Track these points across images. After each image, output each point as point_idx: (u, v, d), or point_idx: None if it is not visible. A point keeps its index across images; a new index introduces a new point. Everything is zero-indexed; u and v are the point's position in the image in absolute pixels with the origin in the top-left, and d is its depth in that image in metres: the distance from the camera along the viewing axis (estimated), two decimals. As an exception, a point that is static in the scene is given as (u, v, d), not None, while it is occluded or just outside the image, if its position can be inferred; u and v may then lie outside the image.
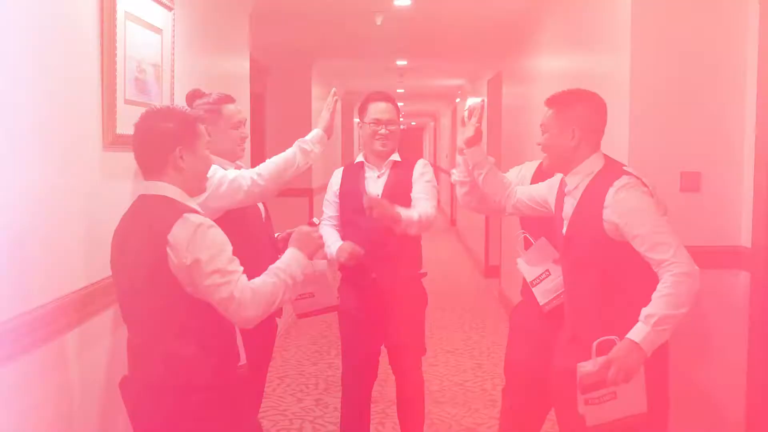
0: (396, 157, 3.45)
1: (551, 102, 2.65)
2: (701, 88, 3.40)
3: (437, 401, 4.74)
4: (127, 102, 2.74)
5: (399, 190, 3.38)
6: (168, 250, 2.06)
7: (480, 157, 2.91)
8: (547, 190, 2.82)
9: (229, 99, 2.93)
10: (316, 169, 8.84)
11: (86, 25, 2.47)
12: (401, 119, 3.55)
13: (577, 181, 2.56)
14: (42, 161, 2.19)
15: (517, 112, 6.51)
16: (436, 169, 20.56)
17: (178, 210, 2.12)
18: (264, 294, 2.17)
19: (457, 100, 13.45)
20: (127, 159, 2.81)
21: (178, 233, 2.07)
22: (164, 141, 2.18)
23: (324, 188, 3.62)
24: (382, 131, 3.38)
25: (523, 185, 3.01)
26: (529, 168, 3.18)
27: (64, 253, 2.34)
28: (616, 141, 3.55)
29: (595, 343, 2.34)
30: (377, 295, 3.37)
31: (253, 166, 4.98)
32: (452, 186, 14.86)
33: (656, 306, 2.27)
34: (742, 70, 3.38)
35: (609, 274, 2.46)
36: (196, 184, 2.28)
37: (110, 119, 2.60)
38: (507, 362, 3.18)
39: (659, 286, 2.30)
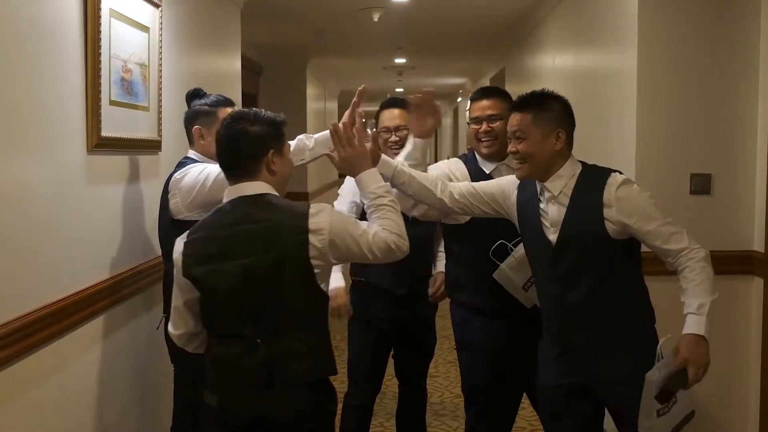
0: None
1: (526, 105, 2.54)
2: (712, 86, 3.40)
3: (437, 414, 4.73)
4: (112, 103, 2.74)
5: None
6: (310, 237, 2.16)
7: (390, 169, 2.63)
8: (498, 192, 2.71)
9: (227, 103, 2.90)
10: (311, 172, 8.84)
11: (69, 23, 2.47)
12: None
13: (561, 185, 2.50)
14: (23, 165, 2.19)
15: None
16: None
17: (300, 203, 2.25)
18: (394, 220, 2.31)
19: (459, 99, 13.46)
20: (113, 162, 2.82)
21: (318, 219, 2.18)
22: (258, 144, 2.24)
23: (321, 192, 3.63)
24: (392, 138, 3.39)
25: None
26: (458, 167, 2.99)
27: (48, 259, 2.33)
28: (623, 141, 3.55)
29: (660, 343, 2.35)
30: (400, 304, 3.41)
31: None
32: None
33: (699, 295, 2.32)
34: (754, 67, 3.38)
35: (604, 276, 2.47)
36: (282, 187, 2.34)
37: (95, 121, 2.60)
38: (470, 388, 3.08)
39: (688, 275, 2.35)
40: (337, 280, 3.39)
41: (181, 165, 2.84)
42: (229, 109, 2.89)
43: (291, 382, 2.17)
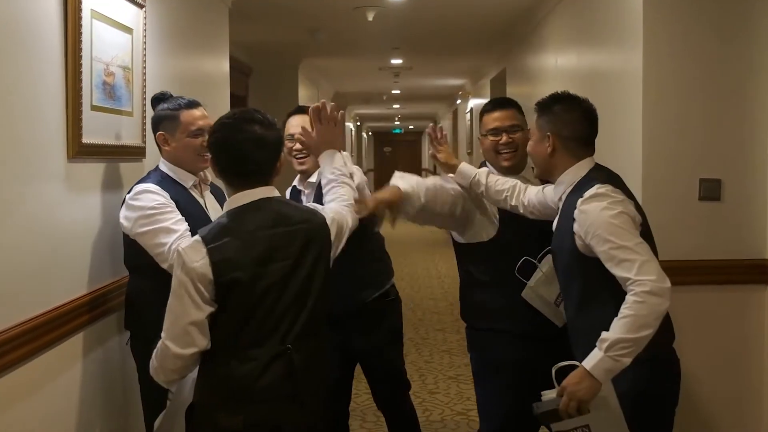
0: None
1: (536, 105, 2.66)
2: (721, 87, 3.41)
3: (438, 432, 4.73)
4: (94, 108, 2.74)
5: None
6: (330, 232, 2.38)
7: (466, 179, 2.88)
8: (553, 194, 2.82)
9: (191, 104, 2.87)
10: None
11: (48, 25, 2.48)
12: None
13: (560, 191, 2.58)
14: (0, 173, 2.19)
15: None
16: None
17: (309, 205, 2.44)
18: (350, 194, 2.61)
19: (458, 101, 13.48)
20: (95, 170, 2.82)
21: (326, 214, 2.41)
22: (277, 150, 2.35)
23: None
24: (297, 147, 3.27)
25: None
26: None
27: (25, 272, 2.33)
28: (628, 145, 3.56)
29: (554, 369, 2.37)
30: (335, 324, 3.29)
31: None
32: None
33: (612, 330, 2.26)
34: (765, 66, 3.39)
35: (591, 293, 2.46)
36: None
37: (75, 127, 2.60)
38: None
39: (621, 308, 2.28)
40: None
41: (144, 179, 2.80)
42: (195, 111, 2.86)
43: (314, 390, 2.24)
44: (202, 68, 4.47)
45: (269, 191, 2.31)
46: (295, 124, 3.24)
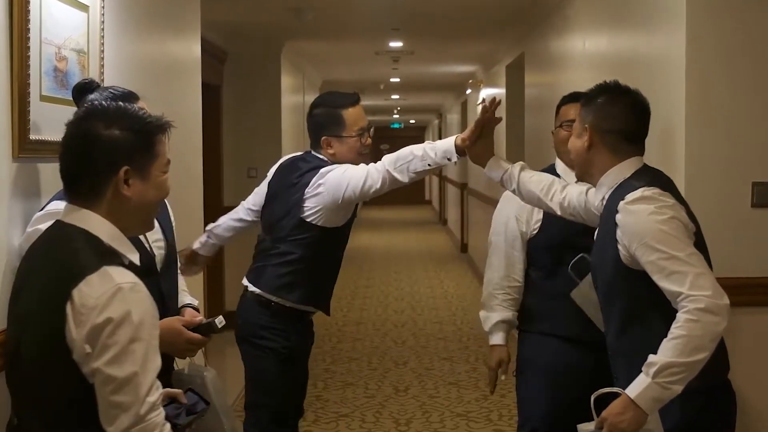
0: None
1: (581, 97, 2.76)
2: (777, 76, 3.41)
3: (445, 479, 4.73)
4: (43, 99, 2.74)
5: None
6: (68, 309, 1.89)
7: (499, 172, 2.96)
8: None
9: (129, 97, 2.74)
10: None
11: (-10, 2, 2.48)
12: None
13: (601, 195, 2.62)
14: (-67, 176, 2.18)
15: (542, 103, 6.53)
16: (442, 180, 20.58)
17: (97, 257, 1.95)
18: None
19: (468, 91, 13.50)
20: (45, 170, 2.81)
21: (93, 291, 1.90)
22: (108, 156, 2.03)
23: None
24: (368, 141, 3.58)
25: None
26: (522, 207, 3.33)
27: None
28: (670, 143, 3.56)
29: (593, 397, 2.38)
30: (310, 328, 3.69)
31: (206, 182, 4.98)
32: (462, 204, 14.64)
33: (661, 352, 2.28)
34: (828, 53, 3.40)
35: (633, 312, 2.47)
36: (140, 220, 2.15)
37: (22, 121, 2.60)
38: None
39: (671, 328, 2.30)
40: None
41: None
42: (137, 106, 2.78)
43: None
44: (169, 53, 4.46)
45: (75, 215, 2.03)
46: (358, 117, 3.52)
